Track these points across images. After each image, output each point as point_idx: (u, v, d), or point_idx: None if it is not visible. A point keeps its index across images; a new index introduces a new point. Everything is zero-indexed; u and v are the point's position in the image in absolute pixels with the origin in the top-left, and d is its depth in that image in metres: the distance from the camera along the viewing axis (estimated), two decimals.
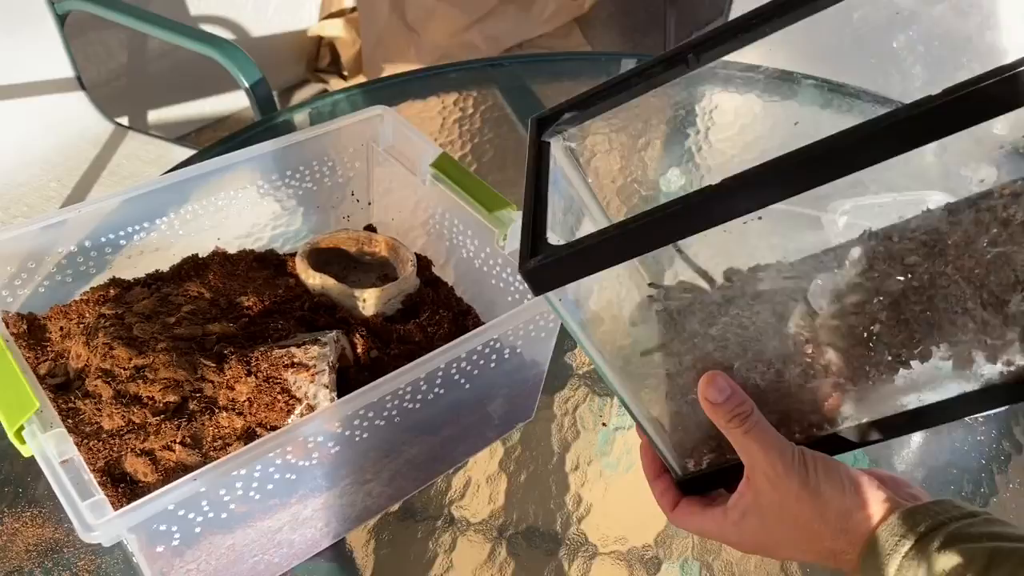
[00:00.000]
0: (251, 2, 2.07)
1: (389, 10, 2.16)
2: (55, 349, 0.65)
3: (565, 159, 0.58)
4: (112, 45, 1.86)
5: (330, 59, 2.26)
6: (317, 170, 0.77)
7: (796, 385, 0.47)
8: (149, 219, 0.70)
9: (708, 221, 0.40)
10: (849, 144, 0.36)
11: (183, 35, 1.33)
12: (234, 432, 0.60)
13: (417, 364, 0.57)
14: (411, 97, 1.09)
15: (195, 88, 2.07)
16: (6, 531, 0.63)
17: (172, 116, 2.06)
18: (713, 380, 0.45)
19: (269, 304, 0.71)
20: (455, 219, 0.73)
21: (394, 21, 2.18)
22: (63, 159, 1.41)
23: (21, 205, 1.32)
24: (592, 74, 1.15)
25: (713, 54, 0.53)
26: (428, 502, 0.68)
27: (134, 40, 1.89)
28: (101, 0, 1.41)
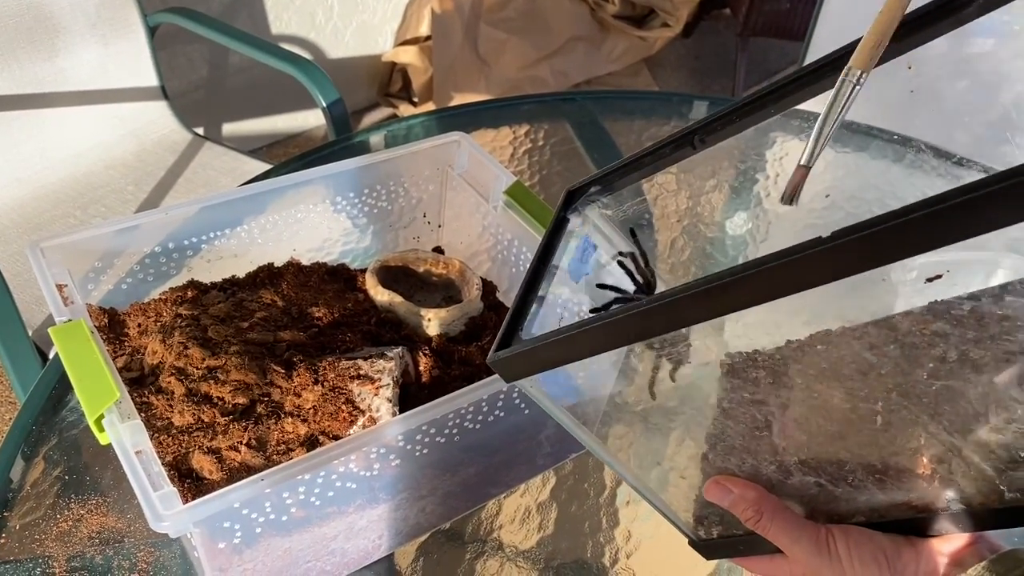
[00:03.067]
0: (330, 24, 2.13)
1: (462, 41, 2.20)
2: (132, 344, 0.68)
3: (604, 224, 0.59)
4: (195, 58, 1.93)
5: (401, 84, 2.31)
6: (392, 190, 0.79)
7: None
8: (229, 226, 0.73)
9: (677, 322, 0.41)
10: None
11: (266, 52, 1.38)
12: (297, 438, 0.61)
13: (481, 385, 0.58)
14: (484, 126, 1.11)
15: (270, 104, 2.14)
16: (71, 516, 0.65)
17: (246, 130, 2.12)
18: (713, 488, 0.45)
19: (338, 316, 0.72)
20: (523, 247, 0.74)
21: (466, 52, 2.23)
22: (142, 164, 1.46)
23: (99, 206, 1.36)
24: (664, 113, 1.16)
25: (783, 104, 0.54)
26: (479, 525, 0.69)
27: (215, 55, 1.96)
28: (191, 15, 1.47)
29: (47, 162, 1.40)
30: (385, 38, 2.27)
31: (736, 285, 0.36)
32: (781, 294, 0.35)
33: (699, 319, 0.39)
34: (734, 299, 0.37)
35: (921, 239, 0.31)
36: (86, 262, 0.67)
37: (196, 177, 1.44)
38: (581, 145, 1.09)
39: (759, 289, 0.35)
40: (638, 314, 0.41)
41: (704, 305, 0.38)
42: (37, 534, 0.63)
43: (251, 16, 1.97)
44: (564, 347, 0.47)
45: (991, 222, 0.30)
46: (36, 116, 1.39)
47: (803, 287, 0.34)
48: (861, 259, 0.33)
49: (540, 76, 2.41)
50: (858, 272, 0.33)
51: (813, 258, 0.33)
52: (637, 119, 1.15)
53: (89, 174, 1.43)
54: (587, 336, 0.45)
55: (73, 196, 1.38)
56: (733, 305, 0.37)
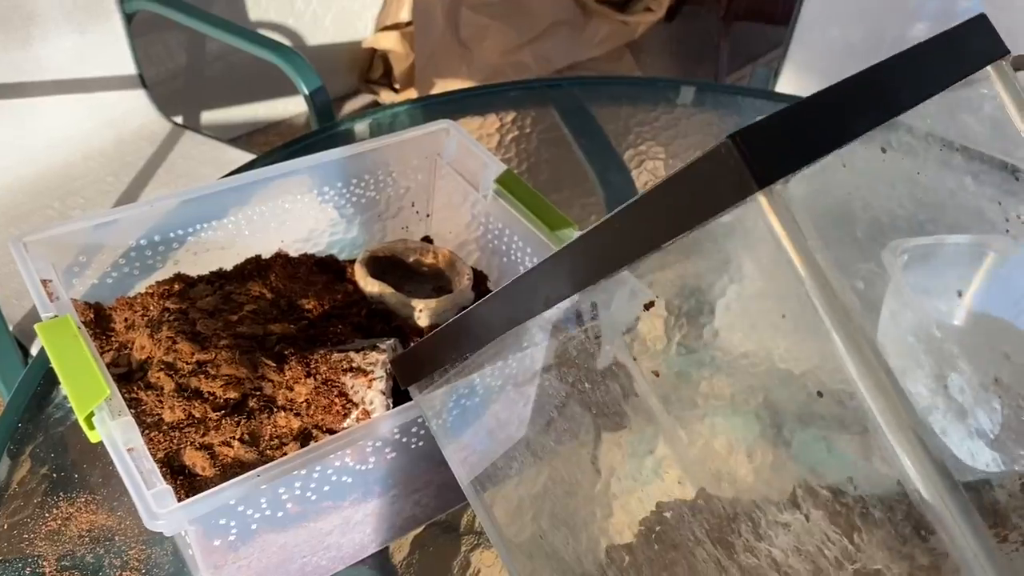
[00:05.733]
0: (310, 10, 2.10)
1: (444, 26, 2.19)
2: (119, 339, 0.66)
3: None
4: (172, 45, 1.90)
5: (383, 71, 2.29)
6: (381, 180, 0.78)
7: None
8: (215, 218, 0.71)
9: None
10: None
11: (246, 39, 1.36)
12: (291, 432, 0.61)
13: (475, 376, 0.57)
14: (470, 113, 1.10)
15: (250, 92, 2.11)
16: (60, 515, 0.64)
17: (226, 118, 2.09)
18: None
19: (328, 308, 0.71)
20: (515, 236, 0.74)
21: (448, 37, 2.21)
22: (121, 154, 1.44)
23: (78, 198, 1.34)
24: (650, 99, 1.15)
25: None
26: (473, 517, 0.68)
27: (193, 42, 1.93)
28: (169, 2, 1.44)
29: (23, 153, 1.37)
30: (365, 24, 2.25)
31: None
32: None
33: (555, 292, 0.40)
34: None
35: None
36: (70, 256, 0.66)
37: (176, 167, 1.42)
38: (568, 132, 1.08)
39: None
40: (513, 283, 0.43)
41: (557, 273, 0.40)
42: (26, 533, 0.62)
43: (229, 2, 1.94)
44: (453, 331, 0.47)
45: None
46: (11, 106, 1.36)
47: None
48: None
49: (522, 61, 2.40)
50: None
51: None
52: (624, 104, 1.14)
53: (67, 165, 1.40)
54: (471, 315, 0.46)
55: (51, 188, 1.36)
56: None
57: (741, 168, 0.29)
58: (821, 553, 0.40)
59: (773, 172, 0.30)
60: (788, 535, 0.42)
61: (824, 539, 0.41)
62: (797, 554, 0.41)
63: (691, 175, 0.31)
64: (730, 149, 0.29)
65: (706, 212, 0.31)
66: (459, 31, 2.25)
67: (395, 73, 2.22)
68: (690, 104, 1.16)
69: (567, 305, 0.53)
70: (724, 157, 0.29)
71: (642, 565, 0.45)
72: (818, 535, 0.41)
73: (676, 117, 1.13)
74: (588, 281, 0.39)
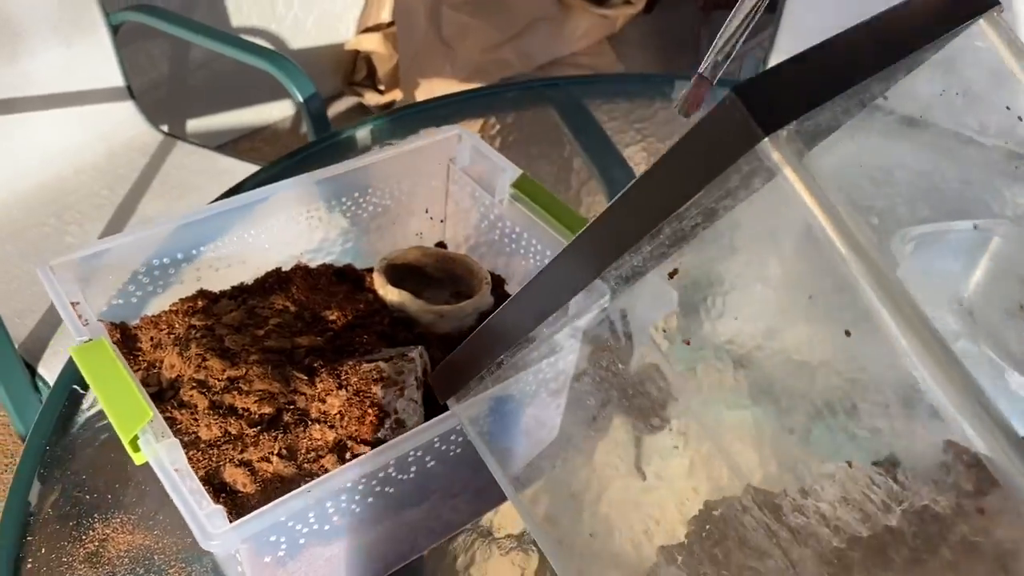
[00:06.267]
0: (291, 14, 2.09)
1: (426, 26, 2.18)
2: (147, 359, 0.66)
3: None
4: (155, 55, 1.89)
5: (366, 72, 2.28)
6: (396, 188, 0.78)
7: None
8: (235, 232, 0.71)
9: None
10: None
11: (238, 48, 1.35)
12: (326, 444, 0.61)
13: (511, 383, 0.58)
14: (470, 115, 1.11)
15: (234, 99, 2.10)
16: (97, 537, 0.64)
17: (210, 125, 2.08)
18: None
19: (352, 318, 0.72)
20: (532, 239, 0.74)
21: (430, 37, 2.21)
22: (113, 167, 1.43)
23: (73, 212, 1.33)
24: (647, 95, 1.16)
25: None
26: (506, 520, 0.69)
27: (176, 50, 1.92)
28: (157, 13, 1.44)
29: (15, 169, 1.36)
30: (347, 26, 2.24)
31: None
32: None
33: (575, 282, 0.41)
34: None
35: None
36: (95, 277, 0.66)
37: (170, 178, 1.41)
38: (569, 131, 1.09)
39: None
40: (534, 280, 0.43)
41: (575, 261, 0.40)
42: (64, 557, 0.62)
43: (210, 9, 1.93)
44: (483, 338, 0.48)
45: None
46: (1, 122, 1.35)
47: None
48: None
49: (504, 58, 2.41)
50: None
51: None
52: (620, 101, 1.15)
53: (59, 179, 1.39)
54: (497, 319, 0.46)
55: (45, 203, 1.35)
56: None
57: (746, 117, 0.29)
58: (868, 499, 0.41)
59: (778, 118, 0.30)
60: (833, 485, 0.42)
61: (869, 483, 0.42)
62: (844, 504, 0.41)
63: (698, 134, 0.31)
64: (734, 100, 0.29)
65: (717, 167, 0.31)
66: (441, 30, 2.24)
67: (379, 74, 2.21)
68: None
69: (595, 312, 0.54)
70: (729, 109, 0.30)
71: (699, 561, 0.46)
72: (862, 480, 0.42)
73: (673, 112, 1.14)
74: (609, 261, 0.38)
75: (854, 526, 0.40)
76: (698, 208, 0.37)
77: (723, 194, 0.35)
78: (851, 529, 0.40)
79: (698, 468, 0.52)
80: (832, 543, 0.40)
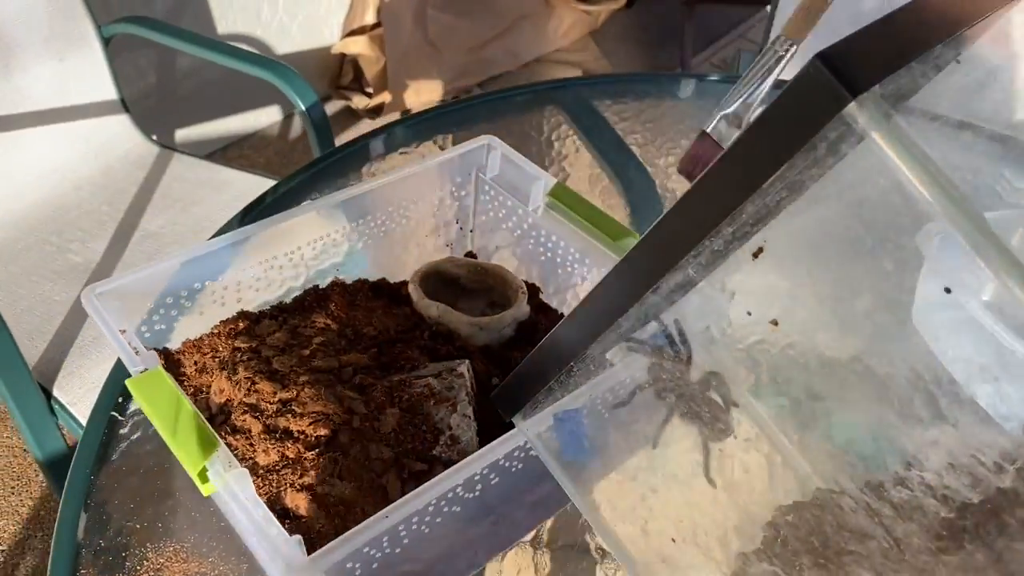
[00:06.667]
0: (276, 20, 2.07)
1: (412, 27, 2.17)
2: (193, 384, 0.66)
3: None
4: (142, 65, 1.86)
5: (353, 76, 2.27)
6: (427, 200, 0.78)
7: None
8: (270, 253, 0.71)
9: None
10: None
11: (237, 58, 1.34)
12: (384, 464, 0.61)
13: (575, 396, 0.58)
14: (480, 120, 1.10)
15: (222, 106, 2.08)
16: (151, 567, 0.63)
17: (199, 134, 2.06)
18: None
19: (393, 334, 0.71)
20: (571, 247, 0.74)
21: (417, 38, 2.20)
22: (111, 182, 1.41)
23: (75, 230, 1.31)
24: (656, 94, 1.16)
25: None
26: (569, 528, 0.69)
27: (164, 60, 1.90)
28: (150, 24, 1.42)
29: (11, 187, 1.34)
30: (332, 30, 2.22)
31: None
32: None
33: (648, 279, 0.40)
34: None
35: None
36: (137, 304, 0.65)
37: (172, 191, 1.39)
38: (581, 132, 1.09)
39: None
40: (596, 290, 0.43)
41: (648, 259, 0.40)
42: None
43: (196, 17, 1.91)
44: (545, 353, 0.48)
45: None
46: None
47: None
48: None
49: (489, 58, 2.40)
50: None
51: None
52: (629, 101, 1.15)
53: (57, 197, 1.37)
54: (560, 332, 0.46)
55: (44, 222, 1.33)
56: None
57: (830, 80, 0.29)
58: (977, 462, 0.40)
59: (864, 80, 0.29)
60: (938, 452, 0.42)
61: (978, 444, 0.41)
62: (952, 470, 0.41)
63: (781, 105, 0.30)
64: (817, 66, 0.29)
65: (804, 136, 0.30)
66: (427, 31, 2.23)
67: (367, 77, 2.20)
68: (692, 96, 1.18)
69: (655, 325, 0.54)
70: (813, 75, 0.29)
71: (795, 552, 0.46)
72: (971, 442, 0.41)
73: (682, 111, 1.15)
74: (684, 252, 0.38)
75: (964, 492, 0.39)
76: (783, 182, 0.37)
77: (809, 164, 0.35)
78: (960, 496, 0.39)
79: (775, 466, 0.52)
80: (940, 514, 0.39)
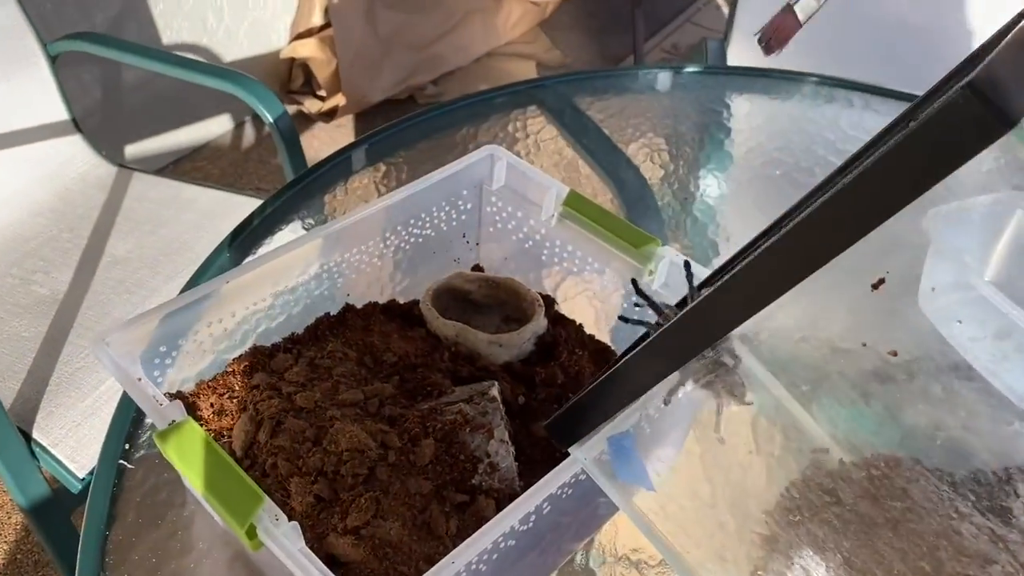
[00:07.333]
0: (222, 27, 2.01)
1: (363, 27, 2.13)
2: (212, 428, 0.62)
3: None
4: (87, 81, 1.79)
5: (304, 79, 2.21)
6: (435, 215, 0.75)
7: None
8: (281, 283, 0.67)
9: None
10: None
11: (196, 70, 1.28)
12: (424, 498, 0.58)
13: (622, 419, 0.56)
14: (465, 124, 1.08)
15: (171, 119, 2.01)
16: None
17: (149, 149, 1.99)
18: None
19: (414, 359, 0.69)
20: (588, 256, 0.72)
21: (368, 37, 2.15)
22: (70, 207, 1.35)
23: (36, 260, 1.25)
24: (635, 89, 1.15)
25: None
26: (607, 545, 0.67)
27: (109, 75, 1.82)
28: (100, 40, 1.35)
29: None
30: (279, 34, 2.16)
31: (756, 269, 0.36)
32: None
33: (734, 317, 0.39)
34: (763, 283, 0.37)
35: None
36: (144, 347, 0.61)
37: (135, 213, 1.34)
38: (566, 131, 1.07)
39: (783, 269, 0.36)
40: (672, 328, 0.42)
41: (738, 297, 0.39)
42: None
43: (139, 28, 1.84)
44: (609, 388, 0.47)
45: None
46: None
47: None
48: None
49: (441, 54, 2.37)
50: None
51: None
52: (611, 97, 1.14)
53: (14, 225, 1.30)
54: (627, 369, 0.46)
55: (3, 252, 1.26)
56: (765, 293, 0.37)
57: (984, 114, 0.27)
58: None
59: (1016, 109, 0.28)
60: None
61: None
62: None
63: (924, 134, 0.29)
64: (969, 98, 0.27)
65: (949, 166, 0.29)
66: (377, 30, 2.19)
67: (319, 80, 2.15)
68: (671, 89, 1.17)
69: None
70: (962, 108, 0.28)
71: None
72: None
73: (664, 105, 1.13)
74: (793, 281, 0.37)
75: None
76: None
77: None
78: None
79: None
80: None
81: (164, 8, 1.86)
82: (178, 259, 1.23)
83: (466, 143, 1.05)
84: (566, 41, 2.58)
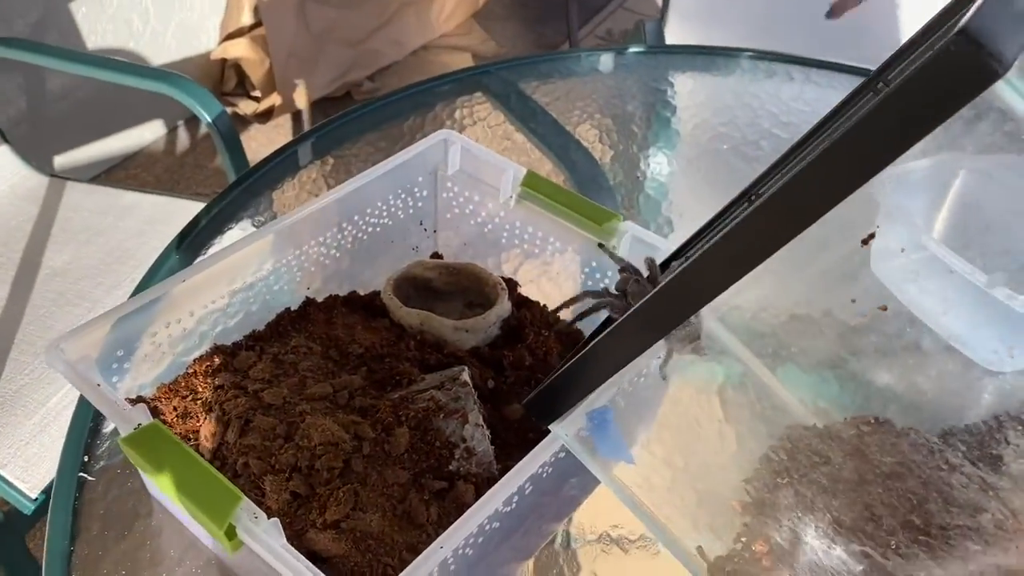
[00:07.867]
0: (148, 29, 1.95)
1: (296, 24, 2.09)
2: (177, 432, 0.60)
3: None
4: (8, 90, 1.72)
5: (236, 80, 2.16)
6: (391, 205, 0.74)
7: None
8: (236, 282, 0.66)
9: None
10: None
11: (127, 73, 1.24)
12: (403, 488, 0.57)
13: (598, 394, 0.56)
14: (414, 113, 1.06)
15: (100, 127, 1.95)
16: None
17: (79, 159, 1.92)
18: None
19: (380, 349, 0.68)
20: (549, 236, 0.72)
21: (301, 35, 2.11)
22: (1, 220, 1.29)
23: None
24: (579, 72, 1.15)
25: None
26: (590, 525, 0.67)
27: (31, 82, 1.76)
28: (23, 45, 1.30)
29: None
30: (209, 35, 2.11)
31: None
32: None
33: (717, 283, 0.40)
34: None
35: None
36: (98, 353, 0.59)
37: (71, 223, 1.29)
38: (513, 117, 1.07)
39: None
40: (646, 304, 0.42)
41: (719, 264, 0.39)
42: None
43: (61, 32, 1.78)
44: (585, 366, 0.47)
45: None
46: None
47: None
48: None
49: (375, 48, 2.34)
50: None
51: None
52: (556, 80, 1.13)
53: None
54: (604, 344, 0.46)
55: None
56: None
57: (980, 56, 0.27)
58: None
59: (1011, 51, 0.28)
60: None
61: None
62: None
63: (917, 82, 0.29)
64: (961, 44, 0.27)
65: (944, 113, 0.29)
66: (309, 27, 2.15)
67: (252, 80, 2.10)
68: (614, 70, 1.17)
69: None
70: (954, 55, 0.28)
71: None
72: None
73: (609, 86, 1.14)
74: (790, 236, 0.37)
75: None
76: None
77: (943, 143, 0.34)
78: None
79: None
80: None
81: (87, 12, 1.80)
82: (120, 268, 1.19)
83: (413, 133, 1.04)
84: (501, 31, 2.58)
